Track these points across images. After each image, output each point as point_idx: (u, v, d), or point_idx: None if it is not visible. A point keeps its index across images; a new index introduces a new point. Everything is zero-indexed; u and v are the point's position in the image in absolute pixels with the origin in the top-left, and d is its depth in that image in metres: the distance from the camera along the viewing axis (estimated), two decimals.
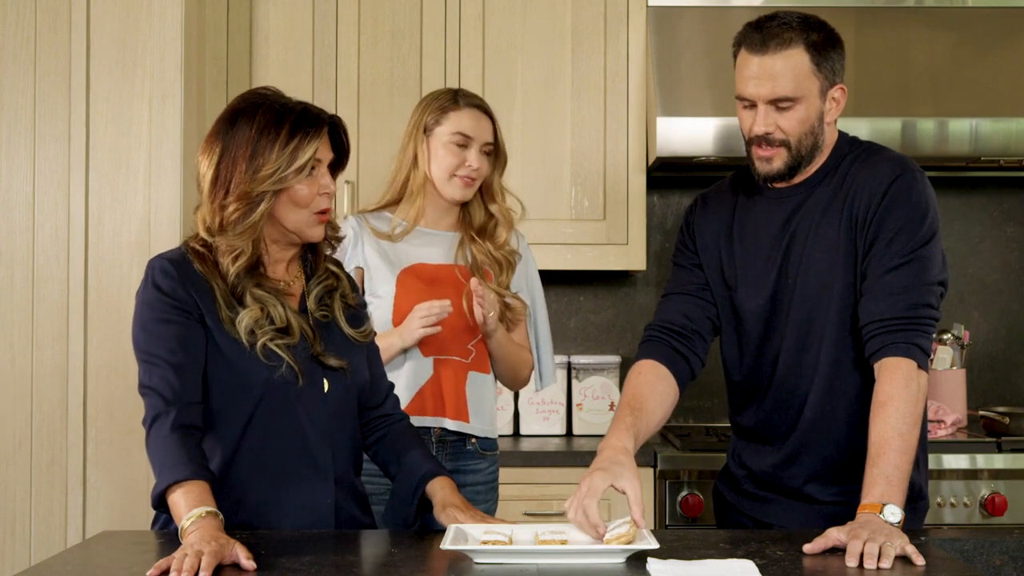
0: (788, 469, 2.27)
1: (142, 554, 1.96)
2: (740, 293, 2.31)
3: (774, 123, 2.20)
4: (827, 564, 1.85)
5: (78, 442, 3.06)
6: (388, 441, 2.26)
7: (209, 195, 2.06)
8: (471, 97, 2.74)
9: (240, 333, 2.03)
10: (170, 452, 1.94)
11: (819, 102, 2.22)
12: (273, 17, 3.55)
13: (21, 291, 3.08)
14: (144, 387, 2.00)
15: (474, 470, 2.70)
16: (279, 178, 2.03)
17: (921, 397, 2.10)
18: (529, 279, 2.84)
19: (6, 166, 3.09)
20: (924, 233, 2.17)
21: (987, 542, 2.08)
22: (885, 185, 2.19)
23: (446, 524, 2.05)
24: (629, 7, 3.57)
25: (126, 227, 3.08)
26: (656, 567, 1.78)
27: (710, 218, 2.38)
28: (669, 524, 3.20)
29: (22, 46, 3.09)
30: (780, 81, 2.18)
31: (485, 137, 2.71)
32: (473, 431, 2.68)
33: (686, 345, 2.32)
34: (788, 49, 2.18)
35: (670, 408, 2.30)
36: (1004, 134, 3.38)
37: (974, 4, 3.57)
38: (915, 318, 2.13)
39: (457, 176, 2.68)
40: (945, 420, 3.40)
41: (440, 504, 2.12)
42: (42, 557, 2.98)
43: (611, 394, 3.64)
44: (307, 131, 2.05)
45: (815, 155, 2.25)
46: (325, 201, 2.10)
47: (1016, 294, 3.90)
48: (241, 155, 2.03)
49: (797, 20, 2.22)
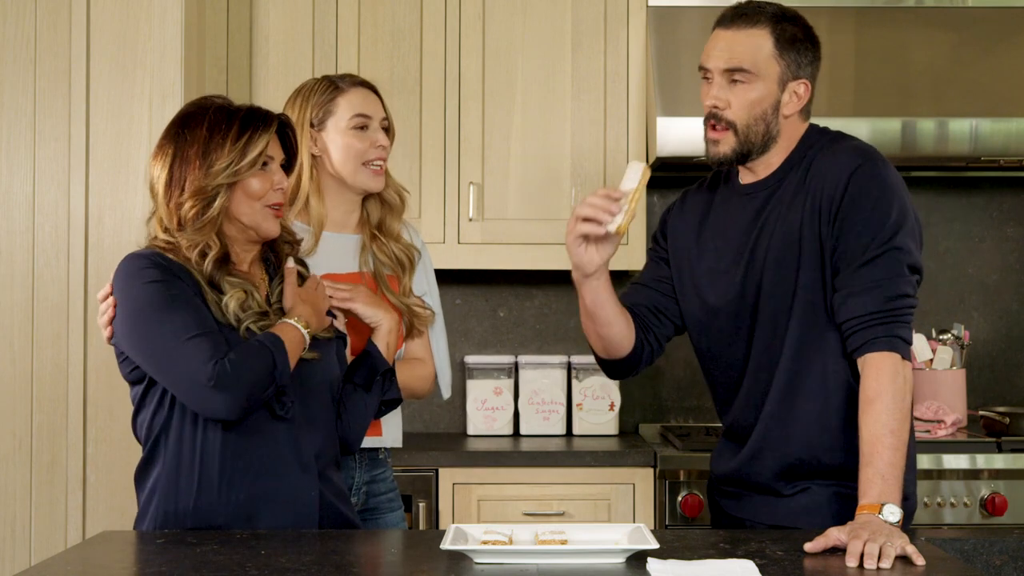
0: (753, 465, 2.27)
1: (142, 554, 1.96)
2: (711, 290, 2.32)
3: (725, 98, 2.22)
4: (827, 564, 1.85)
5: (78, 442, 3.06)
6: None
7: (164, 196, 2.11)
8: (350, 77, 2.54)
9: (228, 314, 2.07)
10: (251, 348, 2.03)
11: (776, 89, 2.22)
12: (273, 17, 3.55)
13: (21, 291, 3.08)
14: (181, 349, 2.01)
15: (383, 478, 2.57)
16: (233, 171, 2.08)
17: (908, 389, 2.10)
18: (429, 278, 2.62)
19: (6, 166, 3.09)
20: (893, 222, 2.15)
21: (987, 542, 2.08)
22: (846, 177, 2.17)
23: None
24: (629, 7, 3.57)
25: (126, 227, 3.08)
26: (656, 567, 1.78)
27: (686, 216, 2.41)
28: (669, 524, 3.20)
29: (22, 46, 3.09)
30: (737, 51, 2.21)
31: (381, 113, 2.52)
32: (384, 443, 2.55)
33: (643, 328, 2.38)
34: (754, 28, 2.22)
35: (624, 329, 2.34)
36: (1004, 134, 3.38)
37: (974, 4, 3.57)
38: (893, 310, 2.12)
39: (367, 163, 2.47)
40: (945, 420, 3.40)
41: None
42: (42, 557, 2.98)
43: (611, 394, 3.64)
44: (257, 126, 2.11)
45: (768, 145, 2.25)
46: (278, 196, 2.15)
47: (1016, 294, 3.90)
48: (194, 153, 2.09)
49: (774, 10, 2.25)
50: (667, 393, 3.88)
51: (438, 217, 3.53)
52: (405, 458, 3.19)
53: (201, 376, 1.98)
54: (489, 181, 3.56)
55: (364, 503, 2.49)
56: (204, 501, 2.06)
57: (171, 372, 2.03)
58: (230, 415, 2.02)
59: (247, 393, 2.00)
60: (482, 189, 3.55)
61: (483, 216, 3.55)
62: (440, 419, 3.85)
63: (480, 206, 3.55)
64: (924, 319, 3.84)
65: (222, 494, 2.06)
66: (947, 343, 3.65)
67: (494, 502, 3.26)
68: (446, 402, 3.76)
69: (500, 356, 3.72)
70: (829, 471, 2.21)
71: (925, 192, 3.87)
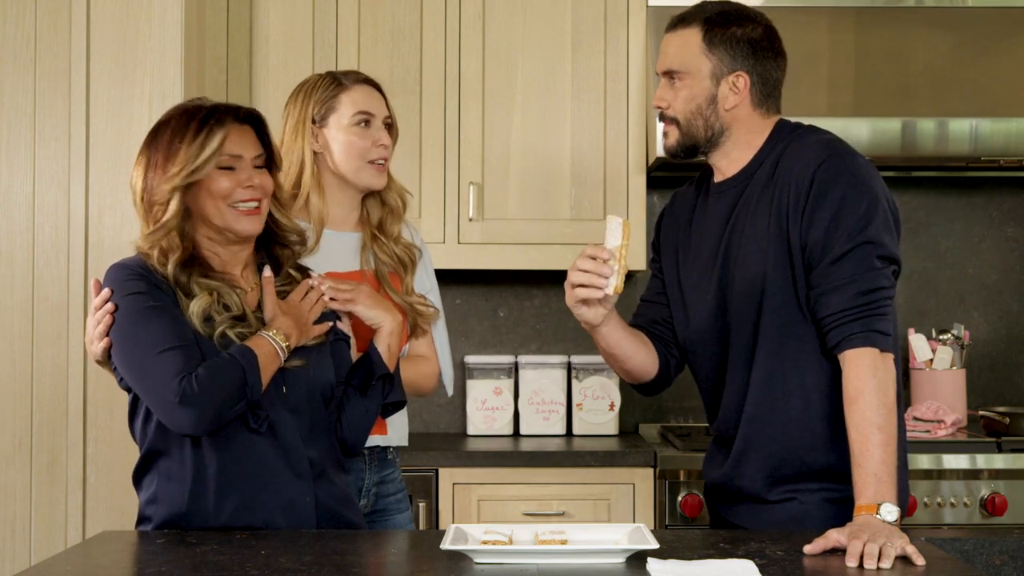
0: (739, 469, 2.27)
1: (142, 554, 1.96)
2: (691, 291, 2.34)
3: (666, 98, 2.30)
4: (827, 564, 1.85)
5: (78, 442, 3.06)
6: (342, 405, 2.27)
7: (142, 204, 2.12)
8: (353, 73, 2.52)
9: (195, 321, 2.04)
10: (220, 363, 2.00)
11: (709, 83, 2.26)
12: (273, 17, 3.55)
13: (21, 291, 3.08)
14: (156, 358, 2.00)
15: (392, 479, 2.57)
16: (189, 171, 2.06)
17: (891, 381, 2.09)
18: (431, 277, 2.61)
19: (6, 166, 3.09)
20: (863, 215, 2.15)
21: (987, 542, 2.08)
22: (811, 172, 2.18)
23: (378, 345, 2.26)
24: (629, 7, 3.57)
25: (126, 227, 3.08)
26: (656, 567, 1.78)
27: (673, 220, 2.44)
28: (669, 524, 3.20)
29: (22, 46, 3.09)
30: (670, 53, 2.30)
31: (384, 111, 2.50)
32: (390, 442, 2.55)
33: (663, 343, 2.41)
34: (685, 28, 2.29)
35: (645, 358, 2.38)
36: (1004, 134, 3.38)
37: (974, 4, 3.57)
38: (868, 304, 2.12)
39: (370, 161, 2.46)
40: (945, 420, 3.40)
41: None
42: (42, 557, 2.98)
43: (611, 394, 3.64)
44: (213, 123, 2.09)
45: (717, 139, 2.28)
46: (247, 193, 2.11)
47: (1016, 294, 3.90)
48: (160, 159, 2.09)
49: (714, 9, 2.30)
50: (667, 393, 3.83)
51: (438, 217, 3.53)
52: (405, 458, 3.18)
53: (168, 392, 1.97)
54: (489, 181, 3.56)
55: (374, 504, 2.48)
56: (198, 509, 2.05)
57: (143, 385, 2.03)
58: (196, 431, 2.01)
59: (214, 409, 1.99)
60: (482, 189, 3.55)
61: (483, 216, 3.55)
62: (440, 419, 3.85)
63: (480, 206, 3.55)
64: (924, 319, 3.84)
65: (215, 503, 2.06)
66: (947, 343, 3.65)
67: (494, 502, 3.26)
68: (446, 402, 3.77)
69: (500, 356, 3.73)
70: (814, 473, 2.21)
71: (925, 192, 3.87)
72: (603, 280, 2.18)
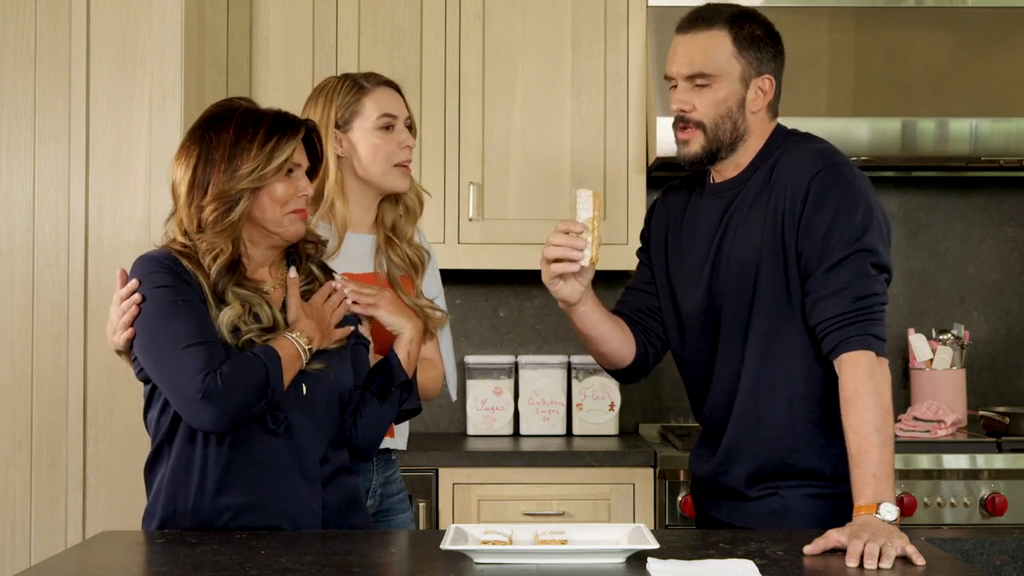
0: (725, 468, 2.28)
1: (142, 554, 1.96)
2: (681, 291, 2.35)
3: (690, 102, 2.25)
4: (827, 564, 1.85)
5: (78, 442, 3.06)
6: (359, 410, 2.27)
7: (186, 199, 2.10)
8: (373, 76, 2.51)
9: (224, 331, 2.04)
10: (244, 361, 2.01)
11: (739, 87, 2.25)
12: (273, 17, 3.55)
13: (21, 291, 3.08)
14: (180, 353, 2.00)
15: (394, 479, 2.57)
16: (258, 176, 2.07)
17: (886, 384, 2.11)
18: (437, 281, 2.60)
19: (6, 166, 3.09)
20: (858, 224, 2.16)
21: (987, 542, 2.08)
22: (807, 181, 2.19)
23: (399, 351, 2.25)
24: (629, 7, 3.57)
25: (126, 227, 3.08)
26: (656, 567, 1.78)
27: (664, 215, 2.44)
28: (669, 524, 3.20)
29: (22, 46, 3.09)
30: (698, 57, 2.25)
31: (405, 112, 2.50)
32: (397, 444, 2.56)
33: (643, 331, 2.42)
34: (711, 30, 2.26)
35: (622, 343, 2.40)
36: (1004, 134, 3.38)
37: (974, 4, 3.57)
38: (863, 309, 2.13)
39: (397, 164, 2.44)
40: (945, 420, 3.40)
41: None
42: (42, 557, 2.98)
43: (611, 394, 3.64)
44: (284, 132, 2.10)
45: (737, 143, 2.27)
46: (302, 202, 2.14)
47: (1016, 294, 3.90)
48: (219, 156, 2.07)
49: (731, 10, 2.28)
50: (667, 393, 3.88)
51: (438, 217, 3.53)
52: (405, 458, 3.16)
53: (190, 388, 1.98)
54: (489, 181, 3.56)
55: (379, 505, 2.49)
56: (202, 505, 2.05)
57: (165, 380, 2.03)
58: (216, 428, 2.01)
59: (236, 408, 2.00)
60: (482, 189, 3.55)
61: (483, 216, 3.55)
62: (440, 419, 3.85)
63: (480, 206, 3.55)
64: (924, 319, 3.84)
65: (218, 500, 2.06)
66: (947, 343, 3.65)
67: (494, 502, 3.27)
68: (446, 402, 3.77)
69: (500, 356, 3.73)
70: (795, 473, 2.22)
71: (925, 192, 3.87)
72: (577, 252, 2.19)
